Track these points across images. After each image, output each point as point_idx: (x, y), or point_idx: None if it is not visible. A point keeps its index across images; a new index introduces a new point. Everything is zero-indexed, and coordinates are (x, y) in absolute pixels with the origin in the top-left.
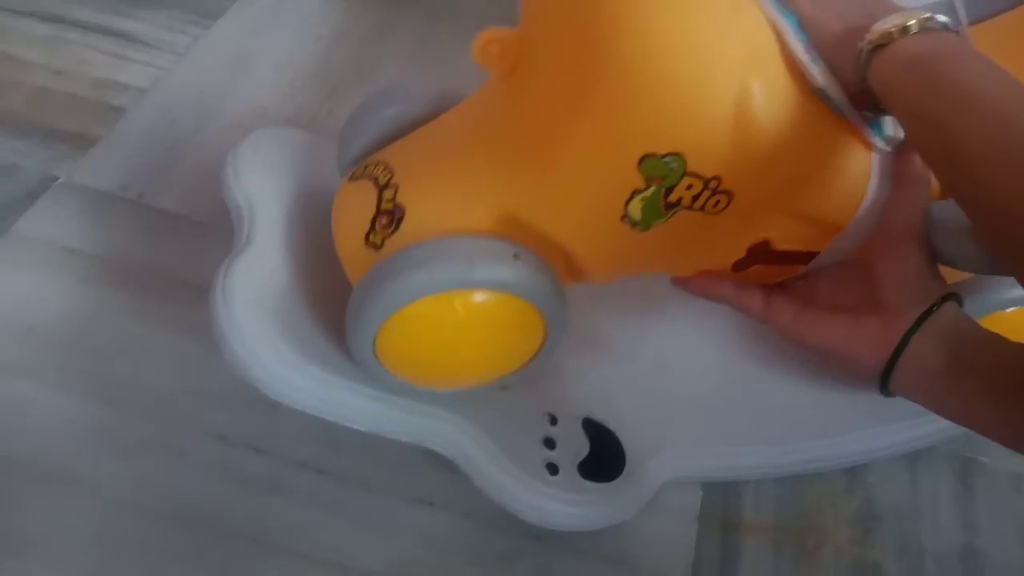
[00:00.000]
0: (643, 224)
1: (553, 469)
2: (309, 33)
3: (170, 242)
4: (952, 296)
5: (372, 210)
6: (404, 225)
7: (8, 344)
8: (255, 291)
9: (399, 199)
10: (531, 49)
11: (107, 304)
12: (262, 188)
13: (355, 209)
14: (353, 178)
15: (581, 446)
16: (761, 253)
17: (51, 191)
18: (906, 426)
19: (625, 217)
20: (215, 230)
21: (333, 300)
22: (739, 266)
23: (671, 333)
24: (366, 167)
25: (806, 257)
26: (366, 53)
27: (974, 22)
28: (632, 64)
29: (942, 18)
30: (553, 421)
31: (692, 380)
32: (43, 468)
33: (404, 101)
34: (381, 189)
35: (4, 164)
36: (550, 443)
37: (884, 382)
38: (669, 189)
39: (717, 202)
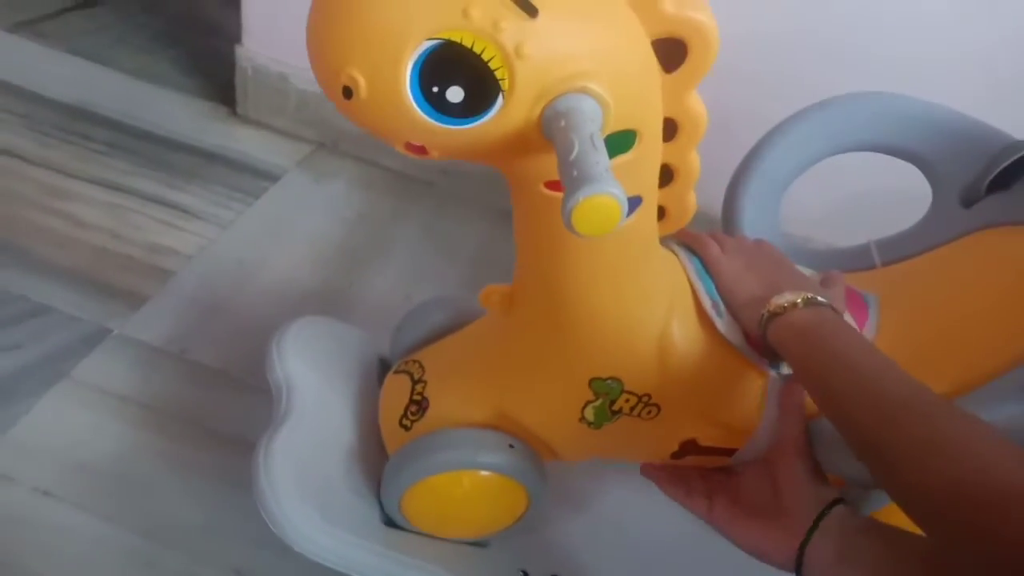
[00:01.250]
0: (596, 424)
1: None
2: (336, 214)
3: (206, 394)
4: (839, 500)
5: (406, 399)
6: (428, 414)
7: (59, 477)
8: (290, 460)
9: (426, 393)
10: (519, 300)
11: (148, 447)
12: (300, 369)
13: (394, 397)
14: (397, 371)
15: None
16: (691, 448)
17: (105, 342)
18: None
19: (582, 419)
20: (247, 385)
21: (354, 468)
22: (675, 456)
23: (630, 497)
24: (407, 363)
25: (728, 451)
26: (384, 232)
27: (887, 263)
28: (582, 320)
29: (821, 298)
30: None
31: (647, 539)
32: None
33: (442, 311)
34: (414, 383)
35: (66, 315)
36: None
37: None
38: (612, 401)
39: (650, 411)
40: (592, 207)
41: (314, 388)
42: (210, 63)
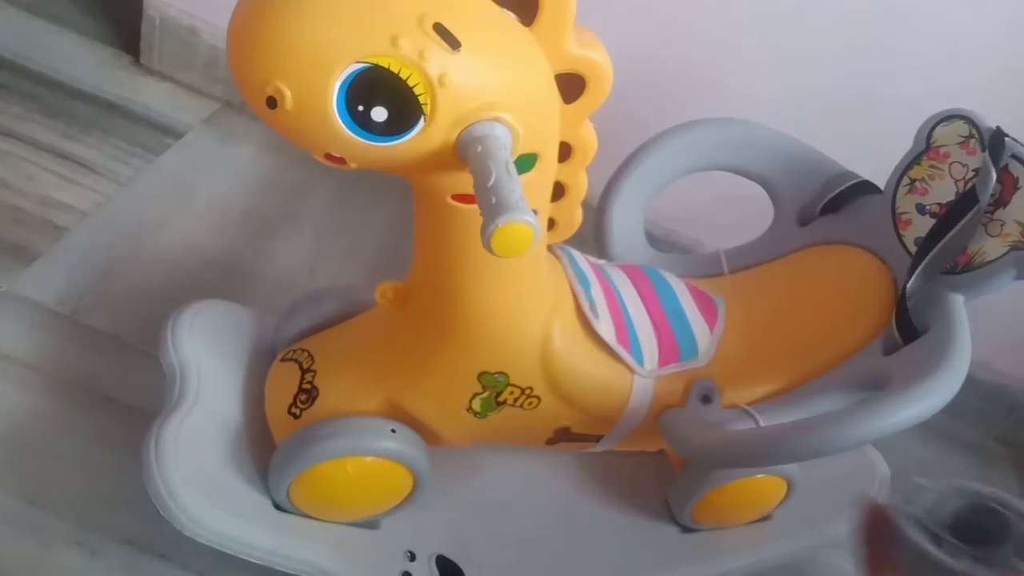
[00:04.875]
0: (482, 415)
1: None
2: (241, 178)
3: (98, 358)
4: None
5: (295, 388)
6: (317, 403)
7: None
8: (181, 447)
9: (316, 382)
10: (414, 297)
11: (34, 410)
12: (195, 355)
13: (283, 385)
14: (284, 359)
15: None
16: (565, 434)
17: None
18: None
19: (469, 410)
20: (139, 351)
21: (247, 454)
22: (550, 442)
23: (515, 480)
24: (294, 351)
25: (596, 438)
26: (291, 202)
27: (733, 271)
28: (475, 319)
29: None
30: (412, 558)
31: (531, 523)
32: None
33: (329, 301)
34: (303, 372)
35: None
36: None
37: None
38: (498, 393)
39: (531, 402)
40: (510, 233)
41: (208, 374)
42: (116, 6)
